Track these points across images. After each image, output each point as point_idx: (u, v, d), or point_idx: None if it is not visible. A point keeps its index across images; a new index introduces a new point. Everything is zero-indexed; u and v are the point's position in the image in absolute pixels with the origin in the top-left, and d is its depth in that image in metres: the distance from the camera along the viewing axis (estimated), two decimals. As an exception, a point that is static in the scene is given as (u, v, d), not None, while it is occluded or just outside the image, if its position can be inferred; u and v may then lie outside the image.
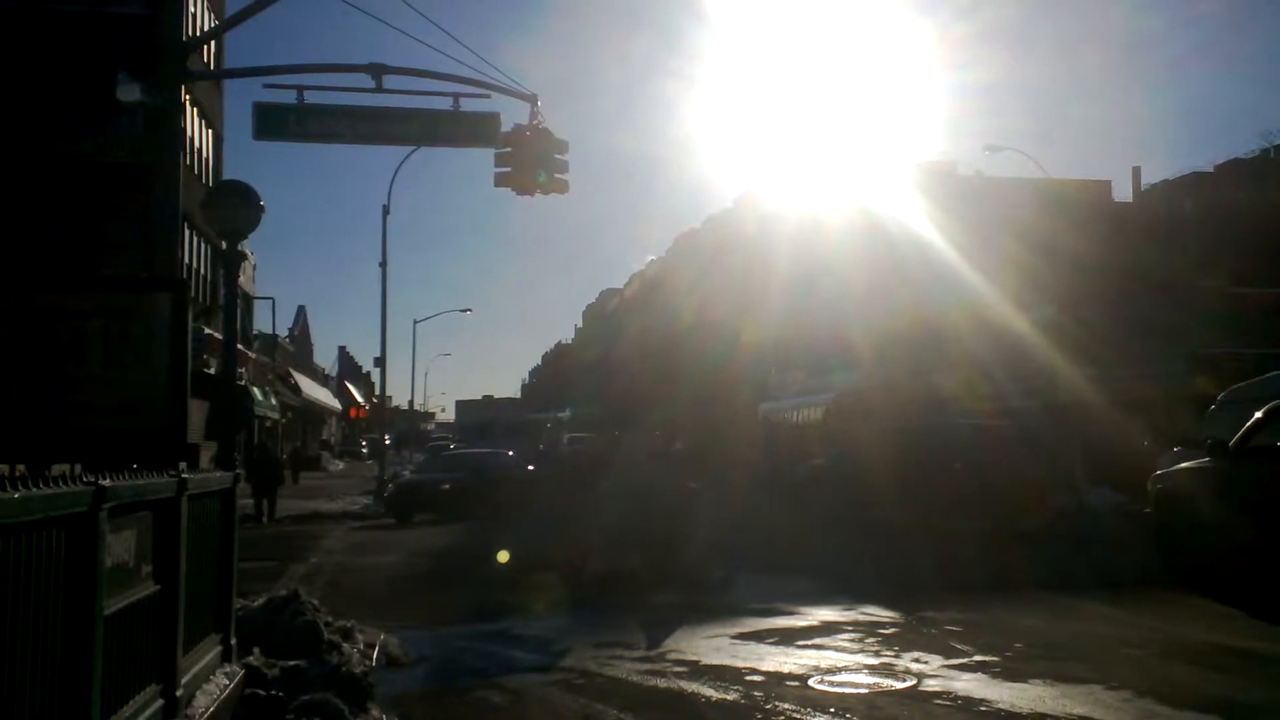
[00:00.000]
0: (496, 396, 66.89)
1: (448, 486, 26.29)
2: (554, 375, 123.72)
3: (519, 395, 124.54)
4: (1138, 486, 15.68)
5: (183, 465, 5.94)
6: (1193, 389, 22.71)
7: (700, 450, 39.69)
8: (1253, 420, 11.51)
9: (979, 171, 50.57)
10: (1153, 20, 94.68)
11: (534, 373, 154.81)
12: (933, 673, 7.87)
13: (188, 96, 25.04)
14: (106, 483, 4.31)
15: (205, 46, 26.94)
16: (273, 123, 13.41)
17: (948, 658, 8.34)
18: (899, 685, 7.54)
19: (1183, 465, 12.75)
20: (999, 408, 26.26)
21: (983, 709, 6.85)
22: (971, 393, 28.59)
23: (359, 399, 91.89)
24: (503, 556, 12.18)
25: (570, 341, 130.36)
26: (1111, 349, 25.99)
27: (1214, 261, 35.24)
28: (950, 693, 7.27)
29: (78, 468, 6.22)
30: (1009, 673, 7.77)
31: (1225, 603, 10.32)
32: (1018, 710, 6.78)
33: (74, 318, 6.71)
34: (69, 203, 27.36)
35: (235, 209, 9.84)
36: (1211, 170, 51.58)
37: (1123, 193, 54.84)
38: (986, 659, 8.23)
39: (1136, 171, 54.95)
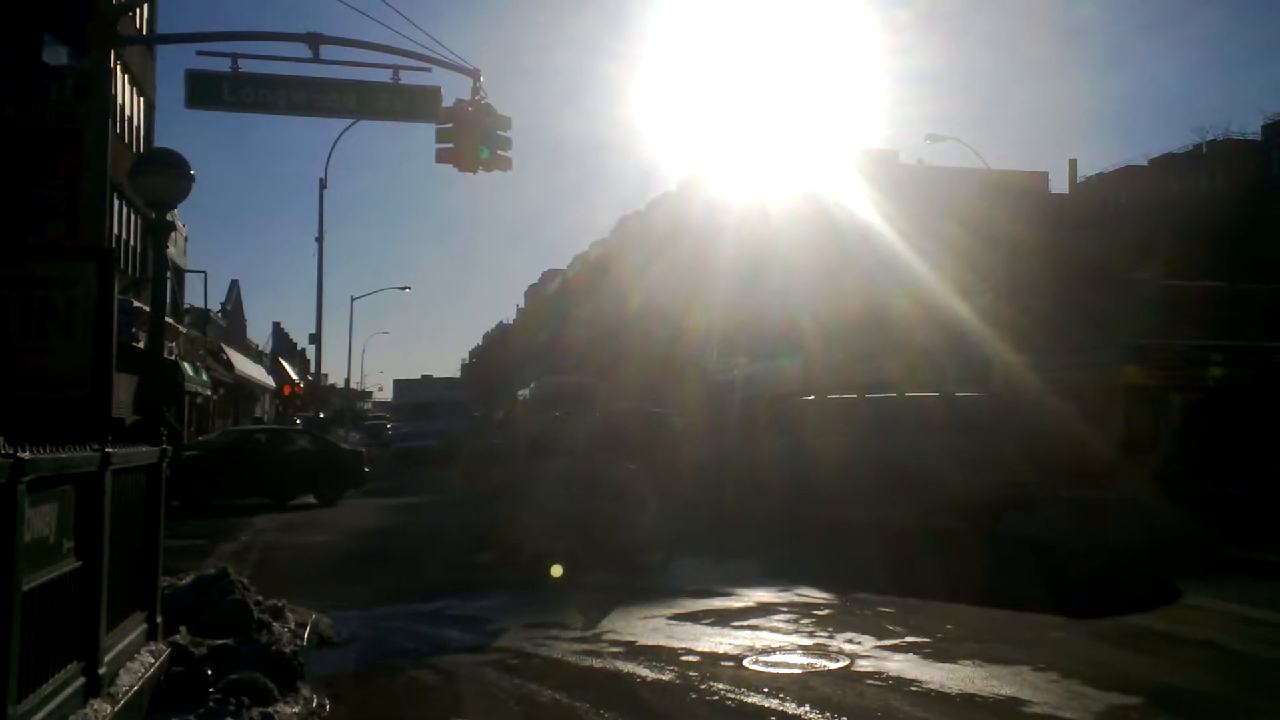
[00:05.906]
0: (436, 376, 66.20)
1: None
2: (495, 355, 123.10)
3: (459, 374, 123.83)
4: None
5: (108, 439, 5.78)
6: (1126, 378, 23.17)
7: (642, 435, 39.71)
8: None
9: (920, 160, 51.19)
10: (1089, 8, 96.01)
11: (474, 352, 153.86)
12: (865, 653, 7.94)
13: (118, 62, 24.41)
14: (26, 455, 4.17)
15: (137, 10, 26.25)
16: (206, 91, 13.08)
17: (880, 639, 8.42)
18: (832, 665, 7.60)
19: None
20: (939, 393, 26.55)
21: (914, 689, 6.92)
22: (913, 376, 28.86)
23: (294, 376, 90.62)
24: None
25: (512, 322, 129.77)
26: (1049, 337, 26.39)
27: (1148, 253, 35.96)
28: (882, 673, 7.34)
29: (-2, 439, 6.03)
30: (940, 654, 7.87)
31: None
32: (948, 690, 6.86)
33: (-8, 286, 6.50)
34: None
35: (164, 177, 9.58)
36: (1145, 164, 52.66)
37: (1059, 184, 55.89)
38: (918, 640, 8.33)
39: (1073, 164, 56.02)
